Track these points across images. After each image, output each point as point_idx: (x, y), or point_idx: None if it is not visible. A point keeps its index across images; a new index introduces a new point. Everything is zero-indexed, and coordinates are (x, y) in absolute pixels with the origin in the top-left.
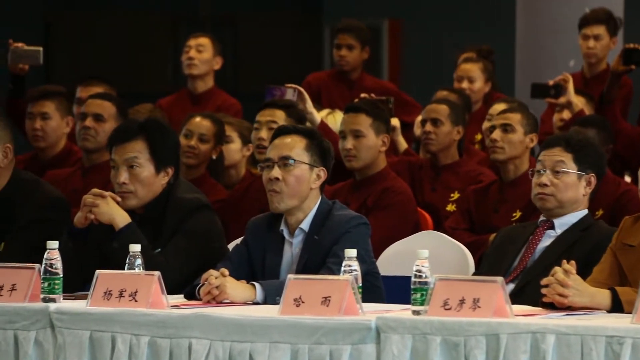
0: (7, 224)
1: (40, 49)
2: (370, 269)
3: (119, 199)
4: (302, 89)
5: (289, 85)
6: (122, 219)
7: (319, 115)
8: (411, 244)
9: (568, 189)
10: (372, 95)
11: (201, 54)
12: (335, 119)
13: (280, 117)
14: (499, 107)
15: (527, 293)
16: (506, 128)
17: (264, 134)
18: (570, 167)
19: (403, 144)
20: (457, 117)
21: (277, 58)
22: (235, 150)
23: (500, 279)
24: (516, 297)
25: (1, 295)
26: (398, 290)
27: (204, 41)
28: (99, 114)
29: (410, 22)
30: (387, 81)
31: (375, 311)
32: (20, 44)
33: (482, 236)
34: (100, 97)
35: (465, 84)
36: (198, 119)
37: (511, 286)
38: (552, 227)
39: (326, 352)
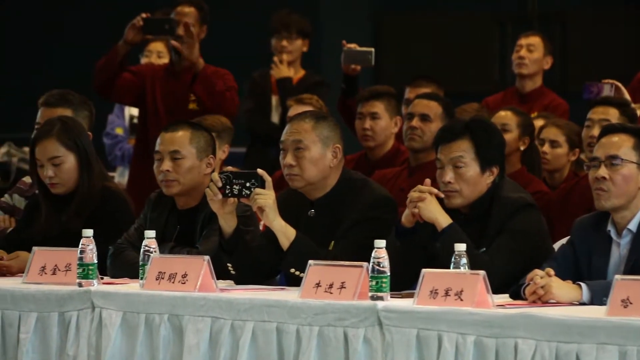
0: (337, 223)
1: (372, 50)
2: None
3: (442, 195)
4: (619, 84)
5: (606, 80)
6: (444, 219)
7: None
8: None
9: None
10: None
11: (532, 54)
12: None
13: (613, 115)
14: None
15: None
16: None
17: (596, 131)
18: None
19: None
20: None
21: (607, 55)
22: (562, 154)
23: None
24: None
25: (331, 293)
26: None
27: (535, 40)
28: (426, 114)
29: None
30: None
31: None
32: (353, 45)
33: None
34: (427, 97)
35: None
36: (502, 113)
37: None
38: None
39: None
